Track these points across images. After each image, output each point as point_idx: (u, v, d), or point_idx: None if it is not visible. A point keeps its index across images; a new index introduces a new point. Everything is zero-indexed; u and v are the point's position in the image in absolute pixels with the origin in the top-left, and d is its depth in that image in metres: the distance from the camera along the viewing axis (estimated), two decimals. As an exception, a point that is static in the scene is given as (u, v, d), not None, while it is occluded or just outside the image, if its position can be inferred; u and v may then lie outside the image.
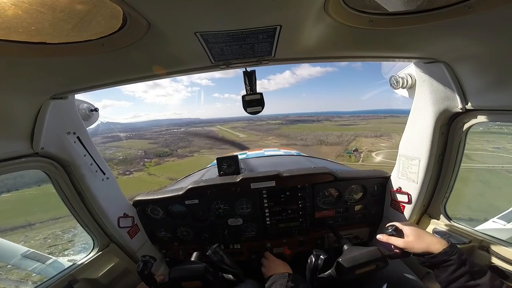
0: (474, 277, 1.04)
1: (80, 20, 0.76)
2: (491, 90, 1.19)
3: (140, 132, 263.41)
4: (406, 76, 1.55)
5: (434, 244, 1.17)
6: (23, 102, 1.19)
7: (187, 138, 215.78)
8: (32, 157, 1.33)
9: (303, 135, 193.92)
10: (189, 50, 1.04)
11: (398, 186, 1.81)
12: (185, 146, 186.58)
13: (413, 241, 1.24)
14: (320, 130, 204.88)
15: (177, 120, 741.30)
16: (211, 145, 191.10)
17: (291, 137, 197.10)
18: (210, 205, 1.97)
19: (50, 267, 1.96)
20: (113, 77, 1.29)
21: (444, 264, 1.11)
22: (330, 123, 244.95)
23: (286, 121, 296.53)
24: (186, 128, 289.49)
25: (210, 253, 1.48)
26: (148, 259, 1.37)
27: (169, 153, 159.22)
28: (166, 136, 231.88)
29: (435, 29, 0.96)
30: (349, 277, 1.27)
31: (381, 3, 0.82)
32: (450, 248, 1.12)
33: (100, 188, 1.65)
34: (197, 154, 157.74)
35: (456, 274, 1.06)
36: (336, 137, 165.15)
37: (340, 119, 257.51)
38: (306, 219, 2.02)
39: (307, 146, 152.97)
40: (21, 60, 0.91)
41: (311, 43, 1.08)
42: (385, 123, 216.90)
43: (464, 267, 1.06)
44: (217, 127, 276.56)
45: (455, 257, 1.09)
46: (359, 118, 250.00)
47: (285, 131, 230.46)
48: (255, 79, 1.35)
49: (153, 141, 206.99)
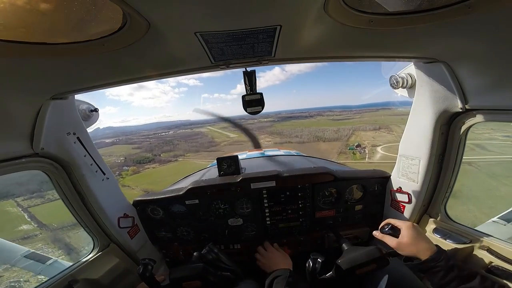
0: (464, 281, 1.05)
1: (80, 20, 0.76)
2: (491, 90, 1.20)
3: (128, 136, 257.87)
4: (406, 76, 1.55)
5: (424, 250, 1.18)
6: (23, 102, 1.19)
7: (173, 141, 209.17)
8: (32, 157, 1.33)
9: (297, 131, 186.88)
10: (189, 50, 1.04)
11: (398, 186, 1.81)
12: (170, 150, 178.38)
13: (406, 243, 1.25)
14: (314, 125, 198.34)
15: (167, 123, 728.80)
16: (198, 148, 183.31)
17: (284, 135, 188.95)
18: (210, 205, 1.97)
19: (50, 267, 1.96)
20: (113, 77, 1.29)
21: (432, 270, 1.12)
22: (323, 118, 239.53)
23: (278, 118, 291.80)
24: (175, 130, 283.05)
25: (205, 252, 1.48)
26: (148, 262, 1.37)
27: (151, 158, 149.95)
28: (152, 140, 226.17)
29: (435, 29, 0.96)
30: (349, 277, 1.27)
31: (381, 3, 0.82)
32: (437, 255, 1.14)
33: (100, 188, 1.65)
34: (181, 159, 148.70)
35: (446, 280, 1.08)
36: (333, 132, 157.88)
37: (332, 114, 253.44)
38: (306, 219, 2.02)
39: (303, 144, 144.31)
40: (21, 60, 0.91)
41: (311, 43, 1.08)
42: (380, 115, 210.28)
43: (452, 272, 1.07)
44: (207, 128, 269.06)
45: (442, 263, 1.11)
46: (352, 112, 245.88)
47: (278, 128, 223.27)
48: (255, 79, 1.35)
49: (137, 146, 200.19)
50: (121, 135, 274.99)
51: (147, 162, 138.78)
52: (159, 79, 1.40)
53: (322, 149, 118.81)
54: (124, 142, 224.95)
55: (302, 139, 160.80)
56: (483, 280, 1.04)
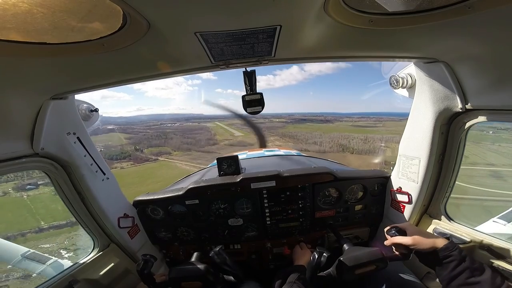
0: (474, 274, 1.05)
1: (80, 20, 0.76)
2: (491, 90, 1.20)
3: (133, 126, 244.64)
4: (406, 76, 1.56)
5: (438, 241, 1.19)
6: (23, 102, 1.19)
7: (169, 134, 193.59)
8: (32, 157, 1.33)
9: (315, 136, 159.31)
10: (189, 50, 1.04)
11: (398, 186, 1.81)
12: (158, 144, 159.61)
13: (420, 237, 1.25)
14: (334, 131, 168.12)
15: (178, 115, 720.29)
16: (190, 146, 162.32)
17: (298, 139, 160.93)
18: (210, 205, 1.97)
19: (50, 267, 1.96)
20: (113, 77, 1.29)
21: (446, 260, 1.12)
22: (342, 124, 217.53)
23: (292, 119, 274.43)
24: (182, 123, 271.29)
25: (213, 255, 1.48)
26: (149, 258, 1.37)
27: (127, 155, 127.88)
28: (149, 131, 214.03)
29: (435, 29, 0.96)
30: (348, 276, 1.27)
31: (381, 3, 0.82)
32: (451, 244, 1.15)
33: (100, 189, 1.65)
34: (162, 158, 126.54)
35: (457, 271, 1.08)
36: (361, 141, 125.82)
37: (351, 120, 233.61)
38: (306, 219, 2.02)
39: (325, 153, 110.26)
40: (21, 60, 0.91)
41: (311, 43, 1.08)
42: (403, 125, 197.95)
43: (464, 263, 1.08)
44: (215, 123, 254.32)
45: (456, 252, 1.11)
46: (371, 119, 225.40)
47: (290, 130, 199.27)
48: (255, 79, 1.35)
49: (130, 137, 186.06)
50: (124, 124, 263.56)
51: (120, 159, 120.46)
52: (159, 79, 1.40)
53: (354, 165, 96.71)
54: (121, 130, 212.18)
55: (323, 147, 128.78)
56: (494, 275, 1.05)
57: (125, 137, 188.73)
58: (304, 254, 1.75)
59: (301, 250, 1.85)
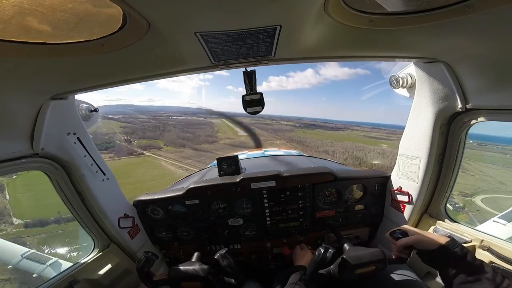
0: (476, 271, 1.05)
1: (80, 20, 0.76)
2: (491, 90, 1.20)
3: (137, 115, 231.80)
4: (406, 75, 1.56)
5: (440, 239, 1.20)
6: (23, 102, 1.19)
7: (167, 127, 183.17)
8: (32, 157, 1.33)
9: (326, 144, 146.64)
10: (189, 50, 1.04)
11: (398, 186, 1.81)
12: (152, 137, 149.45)
13: (424, 236, 1.26)
14: (346, 140, 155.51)
15: (187, 108, 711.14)
16: (185, 142, 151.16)
17: (307, 145, 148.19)
18: (210, 205, 1.97)
19: (50, 267, 1.96)
20: (113, 77, 1.29)
21: (448, 257, 1.13)
22: (353, 133, 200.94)
23: (300, 124, 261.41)
24: (187, 116, 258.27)
25: (219, 257, 1.47)
26: (150, 256, 1.36)
27: (110, 146, 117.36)
28: (154, 121, 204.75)
29: (435, 29, 0.96)
30: (349, 275, 1.27)
31: (381, 3, 0.82)
32: (452, 242, 1.16)
33: (100, 189, 1.65)
34: (148, 153, 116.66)
35: (459, 268, 1.08)
36: (378, 154, 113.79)
37: (361, 129, 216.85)
38: (306, 219, 2.02)
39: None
40: (21, 60, 0.91)
41: (311, 43, 1.08)
42: None
43: (466, 260, 1.08)
44: (222, 119, 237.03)
45: (458, 249, 1.12)
46: (383, 131, 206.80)
47: (298, 135, 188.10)
48: (255, 79, 1.35)
49: (125, 125, 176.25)
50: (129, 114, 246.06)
51: (101, 149, 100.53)
52: (159, 79, 1.40)
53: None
54: (123, 120, 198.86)
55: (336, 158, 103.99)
56: (495, 273, 1.05)
57: (121, 125, 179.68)
58: (305, 255, 1.75)
59: (301, 251, 1.84)
